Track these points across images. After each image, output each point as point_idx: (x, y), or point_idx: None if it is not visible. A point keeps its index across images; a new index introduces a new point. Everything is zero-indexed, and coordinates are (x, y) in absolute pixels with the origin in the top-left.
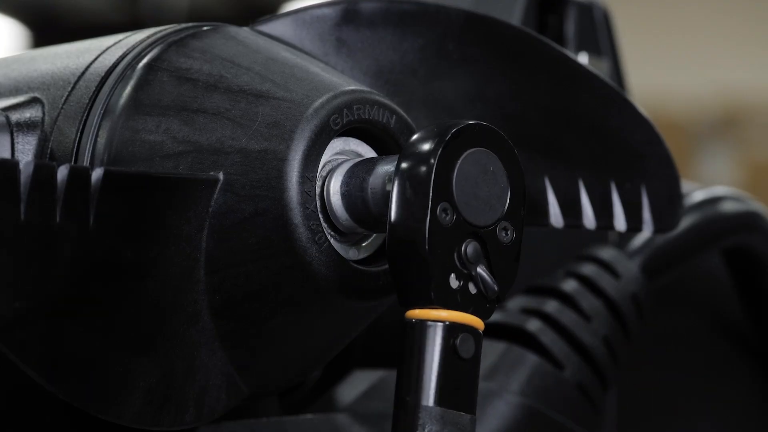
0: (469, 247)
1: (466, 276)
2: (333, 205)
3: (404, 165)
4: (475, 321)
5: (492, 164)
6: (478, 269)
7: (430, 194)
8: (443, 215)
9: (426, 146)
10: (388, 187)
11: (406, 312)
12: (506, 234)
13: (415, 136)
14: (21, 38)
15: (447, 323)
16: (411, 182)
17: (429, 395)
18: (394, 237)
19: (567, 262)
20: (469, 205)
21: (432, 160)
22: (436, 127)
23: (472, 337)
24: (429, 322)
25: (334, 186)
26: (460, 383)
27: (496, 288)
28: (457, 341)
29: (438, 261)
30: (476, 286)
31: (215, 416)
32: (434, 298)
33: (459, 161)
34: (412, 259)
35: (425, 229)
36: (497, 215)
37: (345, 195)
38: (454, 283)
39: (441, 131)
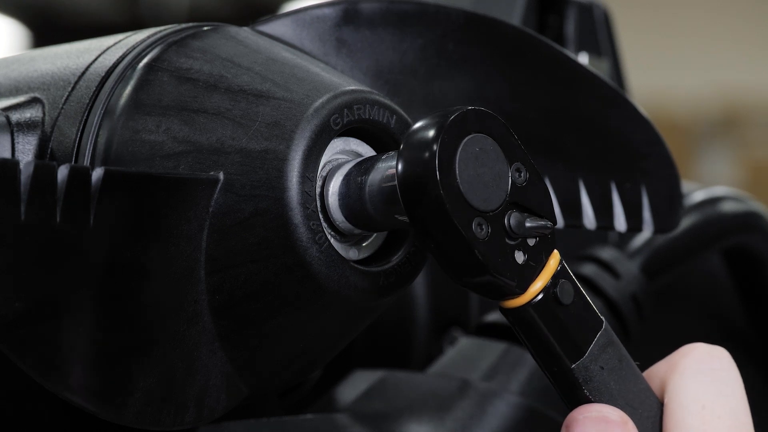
0: (511, 221)
1: (523, 241)
2: (330, 205)
3: (415, 208)
4: (553, 262)
5: (477, 145)
6: (526, 225)
7: (460, 229)
8: (479, 230)
9: (421, 179)
10: (383, 184)
11: (500, 303)
12: (520, 174)
13: (401, 172)
14: (21, 38)
15: (540, 294)
16: (437, 229)
17: (570, 357)
18: (458, 275)
19: (567, 262)
20: (488, 200)
21: (439, 193)
22: (409, 161)
23: (565, 280)
24: (528, 304)
25: (333, 186)
26: (580, 322)
27: (546, 224)
28: (557, 292)
29: (501, 264)
30: (533, 237)
31: (215, 416)
32: (518, 289)
33: (458, 176)
34: (482, 280)
35: (479, 258)
36: (508, 180)
37: (342, 195)
38: (520, 258)
39: (414, 164)
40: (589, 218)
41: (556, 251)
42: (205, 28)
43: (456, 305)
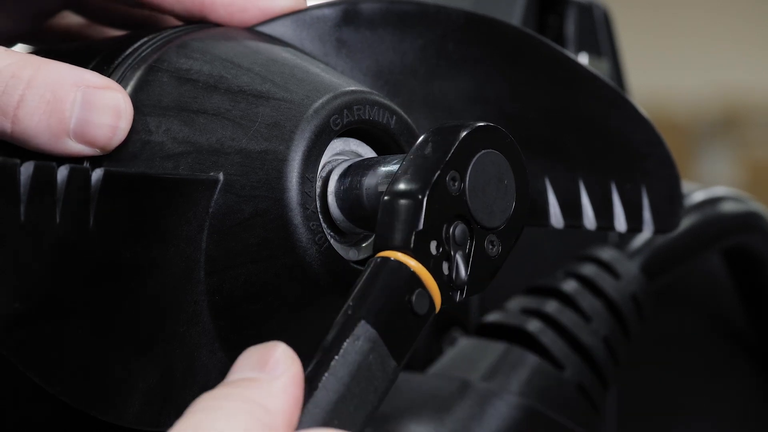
0: (458, 229)
1: (445, 253)
2: (330, 206)
3: (425, 140)
4: (436, 293)
5: (507, 177)
6: (457, 255)
7: (448, 156)
8: (451, 182)
9: (452, 131)
10: (380, 188)
11: (376, 254)
12: (492, 247)
13: (439, 126)
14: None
15: (414, 272)
16: (431, 146)
17: (372, 317)
18: (398, 181)
19: (567, 262)
20: (476, 193)
21: (458, 136)
22: (462, 120)
23: (429, 300)
24: (397, 261)
25: (332, 186)
26: (402, 332)
27: (465, 280)
28: (413, 296)
29: (430, 217)
30: (449, 268)
31: None
32: (413, 246)
33: (479, 153)
34: (407, 202)
35: (432, 180)
36: (494, 224)
37: (341, 195)
38: (433, 249)
39: (468, 124)
40: (589, 219)
41: (440, 302)
42: (205, 29)
43: (456, 305)
